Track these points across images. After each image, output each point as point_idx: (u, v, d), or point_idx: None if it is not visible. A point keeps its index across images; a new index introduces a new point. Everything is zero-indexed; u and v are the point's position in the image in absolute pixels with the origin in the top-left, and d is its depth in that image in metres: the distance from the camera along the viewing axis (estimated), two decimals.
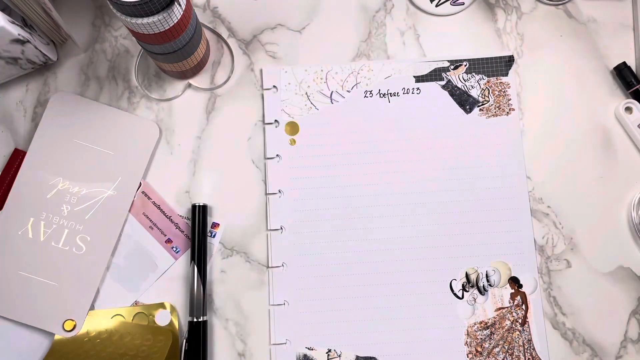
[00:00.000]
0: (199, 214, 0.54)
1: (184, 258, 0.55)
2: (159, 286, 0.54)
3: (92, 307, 0.53)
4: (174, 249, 0.55)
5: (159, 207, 0.56)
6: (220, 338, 0.54)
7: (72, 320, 0.53)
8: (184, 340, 0.52)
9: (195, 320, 0.52)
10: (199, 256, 0.53)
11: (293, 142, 0.57)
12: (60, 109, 0.56)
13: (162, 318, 0.53)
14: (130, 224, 0.55)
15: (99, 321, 0.53)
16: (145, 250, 0.55)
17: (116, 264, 0.54)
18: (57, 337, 0.52)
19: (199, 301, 0.52)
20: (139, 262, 0.55)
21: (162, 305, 0.53)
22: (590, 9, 0.59)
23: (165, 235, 0.55)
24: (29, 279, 0.53)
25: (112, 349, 0.52)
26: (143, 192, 0.56)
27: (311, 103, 0.58)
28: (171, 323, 0.53)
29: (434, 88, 0.58)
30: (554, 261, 0.55)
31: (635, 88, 0.57)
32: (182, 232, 0.55)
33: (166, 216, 0.55)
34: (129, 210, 0.55)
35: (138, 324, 0.53)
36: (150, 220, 0.55)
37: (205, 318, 0.53)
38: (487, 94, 0.57)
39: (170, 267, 0.55)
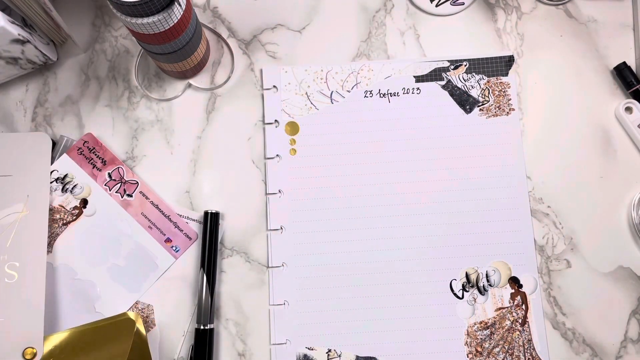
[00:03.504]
0: (211, 221, 0.54)
1: (184, 257, 0.55)
2: (159, 286, 0.54)
3: (49, 331, 0.52)
4: (174, 248, 0.55)
5: (157, 207, 0.56)
6: (220, 338, 0.54)
7: (31, 347, 0.51)
8: (191, 347, 0.52)
9: (202, 327, 0.52)
10: (209, 263, 0.53)
11: (293, 142, 0.57)
12: None
13: None
14: (129, 224, 0.55)
15: (58, 341, 0.51)
16: (145, 250, 0.55)
17: (116, 265, 0.54)
18: None
19: (207, 309, 0.52)
20: (139, 262, 0.55)
21: (123, 315, 0.53)
22: (590, 9, 0.59)
23: (164, 235, 0.55)
24: None
25: (82, 356, 0.51)
26: (141, 192, 0.56)
27: (311, 103, 0.58)
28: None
29: (434, 88, 0.58)
30: (554, 261, 0.55)
31: (635, 88, 0.57)
32: (182, 231, 0.55)
33: (165, 215, 0.55)
34: (124, 205, 0.55)
35: (95, 323, 0.52)
36: (149, 220, 0.55)
37: (212, 326, 0.53)
38: (487, 94, 0.57)
39: (170, 266, 0.55)
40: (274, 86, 0.58)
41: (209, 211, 0.54)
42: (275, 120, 0.57)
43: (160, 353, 0.53)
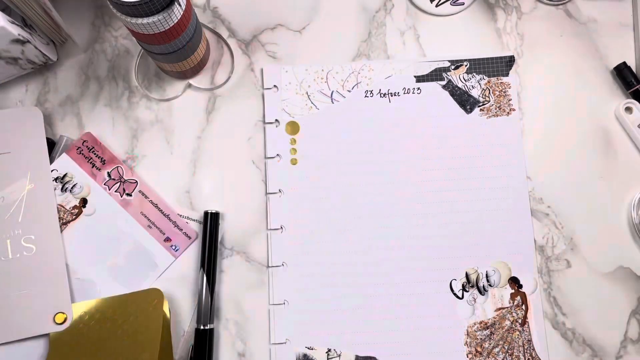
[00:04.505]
0: (211, 221, 0.54)
1: (184, 257, 0.55)
2: (159, 286, 0.54)
3: (73, 300, 0.53)
4: (173, 247, 0.55)
5: (156, 206, 0.56)
6: (220, 338, 0.54)
7: (62, 312, 0.52)
8: (191, 347, 0.52)
9: (202, 327, 0.52)
10: (209, 263, 0.53)
11: (293, 141, 0.57)
12: None
13: None
14: (129, 223, 0.55)
15: (86, 308, 0.53)
16: (145, 249, 0.55)
17: (116, 264, 0.54)
18: (52, 334, 0.52)
19: (207, 309, 0.52)
20: (139, 261, 0.55)
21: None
22: (590, 9, 0.59)
23: (164, 234, 0.55)
24: None
25: (110, 323, 0.52)
26: (140, 192, 0.56)
27: (312, 103, 0.58)
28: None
29: (434, 88, 0.58)
30: (554, 261, 0.55)
31: (635, 88, 0.57)
32: (181, 230, 0.55)
33: (164, 215, 0.55)
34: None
35: (124, 295, 0.53)
36: (149, 219, 0.55)
37: (212, 326, 0.53)
38: (487, 94, 0.57)
39: (170, 265, 0.55)
40: (275, 86, 0.58)
41: (209, 211, 0.54)
42: (276, 120, 0.57)
43: None
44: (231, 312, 0.54)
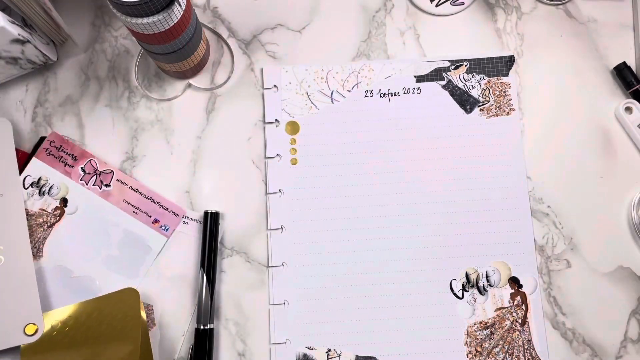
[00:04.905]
0: (211, 221, 0.54)
1: (184, 257, 0.55)
2: (160, 286, 0.54)
3: (44, 309, 0.52)
4: (163, 227, 0.55)
5: (137, 191, 0.56)
6: (220, 338, 0.54)
7: (32, 324, 0.51)
8: (191, 347, 0.52)
9: (202, 327, 0.52)
10: (209, 263, 0.53)
11: (293, 141, 0.57)
12: None
13: None
14: (114, 213, 0.55)
15: (60, 316, 0.52)
16: (135, 235, 0.55)
17: (110, 255, 0.54)
18: (23, 346, 0.51)
19: (207, 309, 0.52)
20: (132, 248, 0.55)
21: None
22: (590, 9, 0.59)
23: (150, 217, 0.55)
24: None
25: (84, 328, 0.51)
26: (118, 180, 0.56)
27: (312, 103, 0.58)
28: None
29: (434, 88, 0.58)
30: (554, 261, 0.55)
31: (635, 88, 0.57)
32: (167, 209, 0.55)
33: (147, 198, 0.55)
34: (111, 197, 0.55)
35: (97, 298, 0.52)
36: (132, 206, 0.55)
37: (212, 326, 0.53)
38: (487, 94, 0.57)
39: (164, 246, 0.55)
40: (275, 85, 0.58)
41: (209, 211, 0.54)
42: (276, 120, 0.57)
43: (160, 353, 0.53)
44: (231, 312, 0.54)
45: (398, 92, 0.58)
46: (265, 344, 0.54)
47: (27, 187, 0.56)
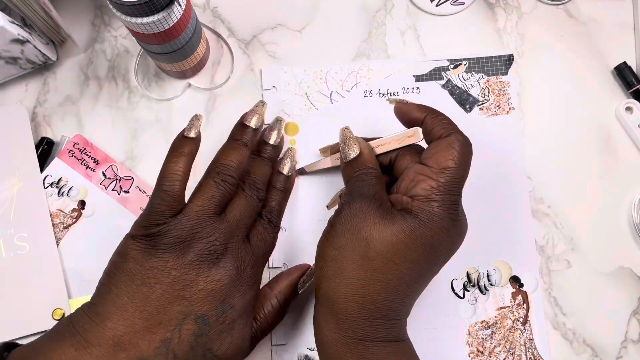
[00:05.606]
0: None
1: None
2: None
3: (70, 296, 0.54)
4: None
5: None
6: None
7: (60, 308, 0.53)
8: None
9: None
10: None
11: (293, 142, 0.57)
12: None
13: None
14: (130, 219, 0.54)
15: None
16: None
17: None
18: None
19: None
20: None
21: None
22: (590, 9, 0.59)
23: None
24: None
25: None
26: (137, 187, 0.55)
27: (311, 103, 0.57)
28: None
29: (433, 87, 0.58)
30: (555, 261, 0.55)
31: (635, 88, 0.57)
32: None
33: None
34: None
35: None
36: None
37: None
38: (487, 93, 0.57)
39: None
40: (274, 86, 0.58)
41: None
42: None
43: None
44: None
45: (397, 92, 0.58)
46: (266, 345, 0.54)
47: (47, 187, 0.56)
